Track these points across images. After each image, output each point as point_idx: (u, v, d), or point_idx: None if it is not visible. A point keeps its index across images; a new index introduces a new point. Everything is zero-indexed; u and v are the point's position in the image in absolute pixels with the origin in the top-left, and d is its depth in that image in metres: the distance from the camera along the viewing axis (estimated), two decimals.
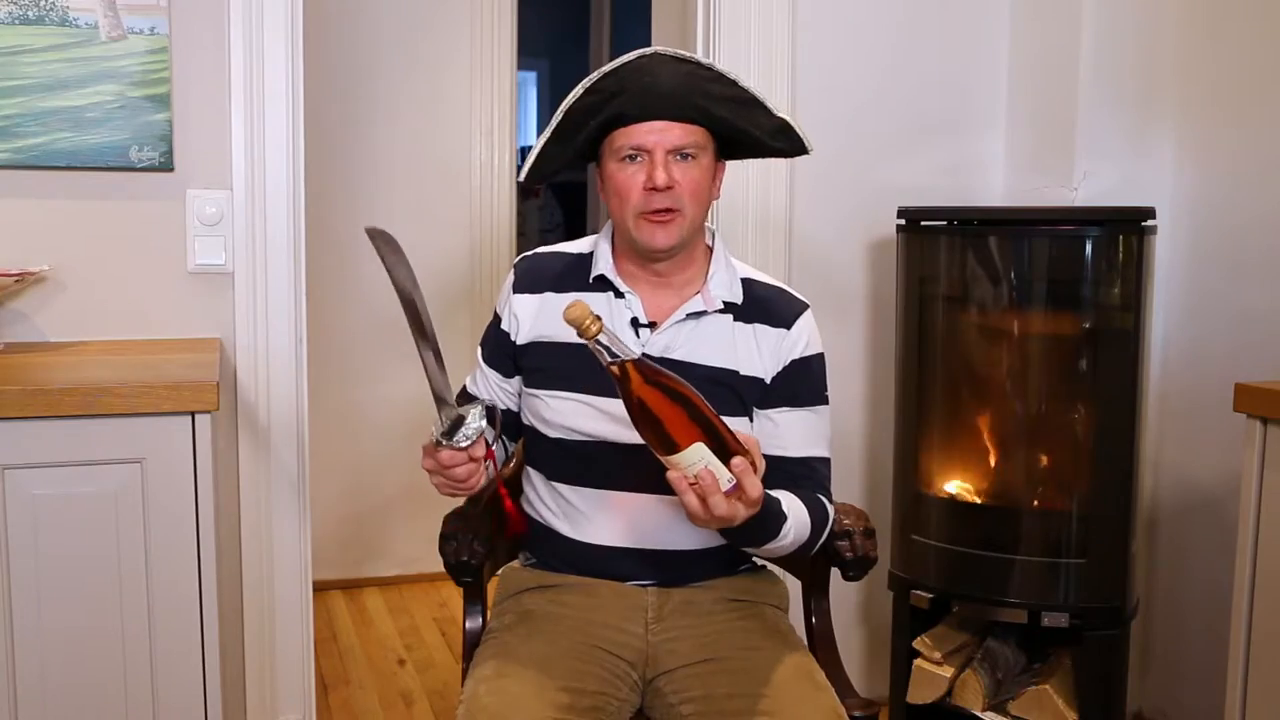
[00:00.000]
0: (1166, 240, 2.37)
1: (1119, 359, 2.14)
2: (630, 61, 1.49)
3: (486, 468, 1.45)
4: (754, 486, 1.24)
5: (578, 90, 1.49)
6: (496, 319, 1.63)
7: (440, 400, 1.36)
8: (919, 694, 2.25)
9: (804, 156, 1.61)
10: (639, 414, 1.22)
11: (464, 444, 1.35)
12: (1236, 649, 1.75)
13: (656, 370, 1.23)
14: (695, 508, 1.24)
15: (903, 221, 2.28)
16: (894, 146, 2.47)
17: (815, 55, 2.39)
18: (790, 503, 1.43)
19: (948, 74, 2.50)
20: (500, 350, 1.61)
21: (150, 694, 1.60)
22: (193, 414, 1.56)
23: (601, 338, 1.22)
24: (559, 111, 1.51)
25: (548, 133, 1.52)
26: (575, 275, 1.59)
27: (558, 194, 5.79)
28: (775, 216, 2.39)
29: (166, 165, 2.00)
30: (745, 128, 1.52)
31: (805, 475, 1.53)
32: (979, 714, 2.19)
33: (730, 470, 1.23)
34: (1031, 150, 2.48)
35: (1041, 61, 2.45)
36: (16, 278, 1.85)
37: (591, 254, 1.60)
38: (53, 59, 1.93)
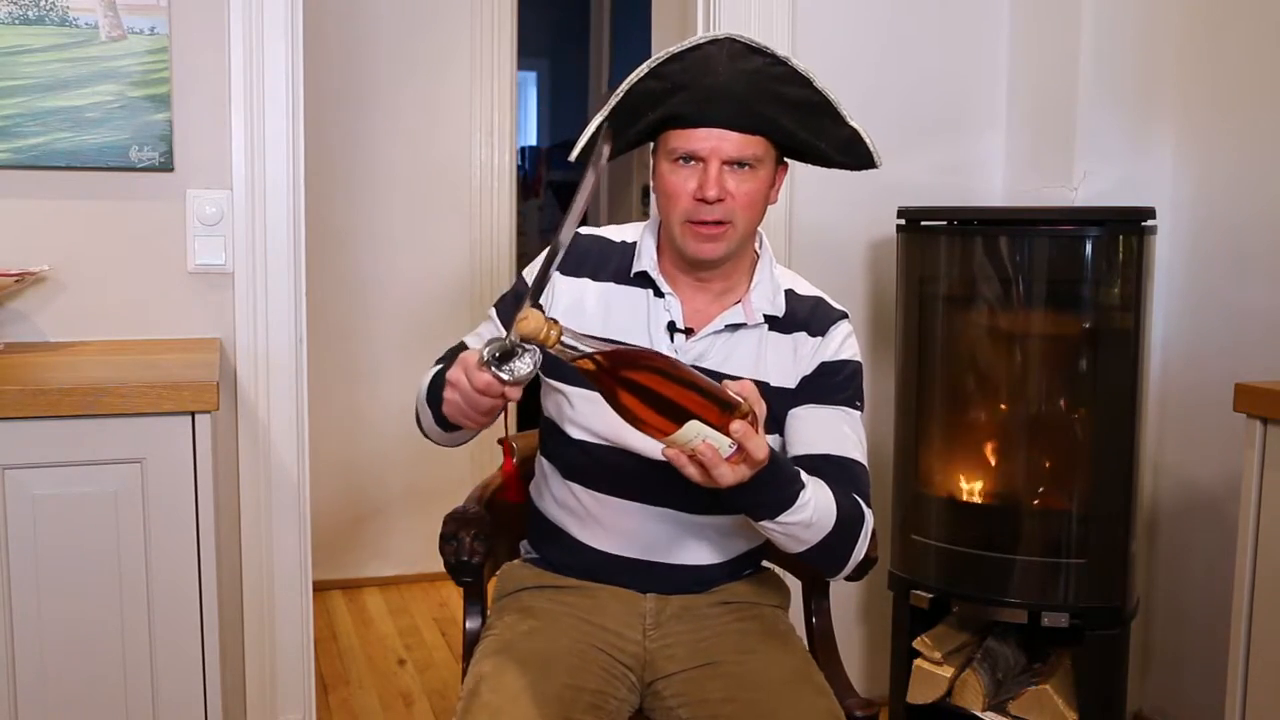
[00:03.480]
0: (1166, 240, 2.37)
1: (1119, 359, 2.14)
2: (700, 48, 1.40)
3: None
4: (758, 447, 1.17)
5: (642, 70, 1.41)
6: (525, 285, 1.51)
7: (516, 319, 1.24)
8: (919, 694, 2.25)
9: None
10: (622, 405, 1.15)
11: (507, 377, 1.23)
12: (1236, 649, 1.75)
13: (631, 354, 1.16)
14: (700, 480, 1.19)
15: (903, 221, 2.28)
16: (894, 146, 2.45)
17: (815, 55, 2.39)
18: (811, 479, 1.34)
19: (948, 74, 2.50)
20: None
21: (150, 694, 1.60)
22: (193, 414, 1.56)
23: (565, 339, 1.15)
24: (619, 91, 1.42)
25: (605, 111, 1.43)
26: (616, 267, 1.52)
27: (558, 194, 5.79)
28: (775, 216, 2.39)
29: (166, 165, 2.00)
30: (809, 139, 1.44)
31: (832, 473, 1.41)
32: (979, 714, 2.19)
33: (730, 436, 1.16)
34: (1031, 150, 2.48)
35: (1041, 61, 2.45)
36: (16, 278, 1.85)
37: (635, 245, 1.53)
38: (53, 59, 1.93)
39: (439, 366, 1.49)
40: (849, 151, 1.47)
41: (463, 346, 1.57)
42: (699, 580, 1.55)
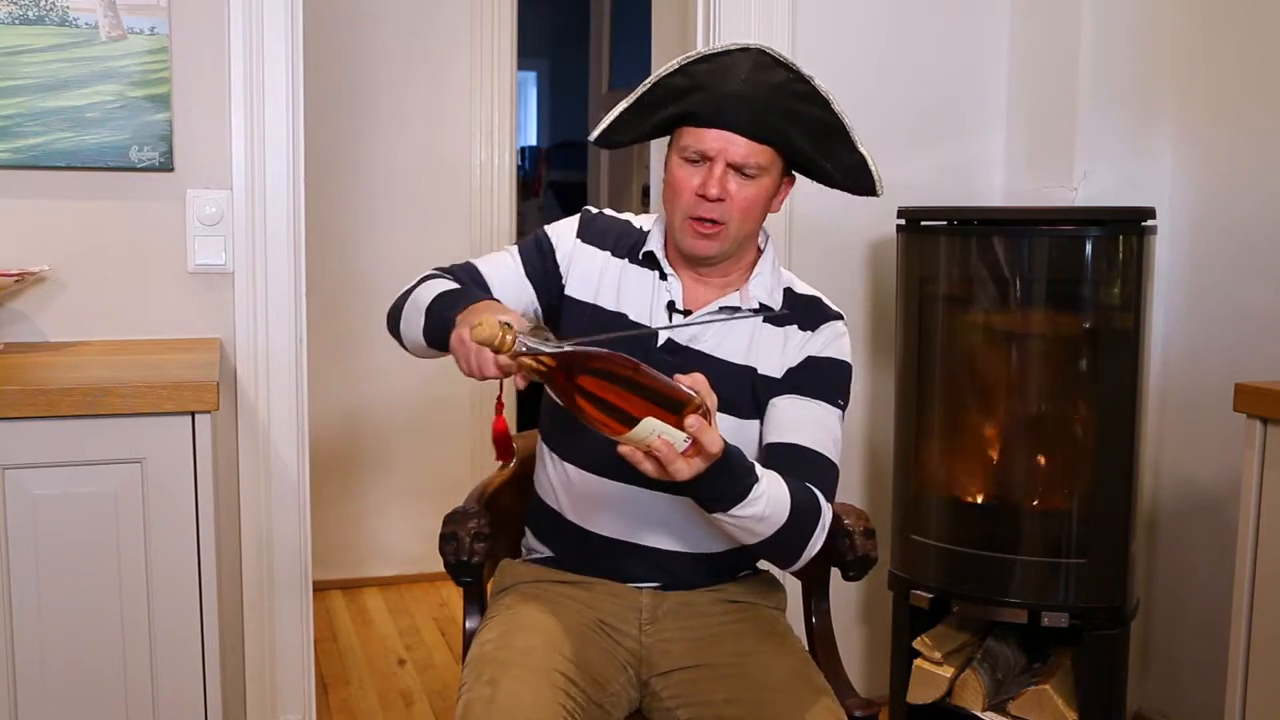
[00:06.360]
0: (1166, 240, 2.37)
1: (1119, 359, 2.14)
2: (728, 53, 1.45)
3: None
4: (712, 441, 1.20)
5: (672, 65, 1.47)
6: (549, 244, 1.57)
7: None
8: (919, 694, 2.25)
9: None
10: (578, 406, 1.17)
11: (522, 349, 1.21)
12: (1236, 649, 1.75)
13: (584, 355, 1.18)
14: (656, 475, 1.22)
15: (902, 221, 2.28)
16: (894, 146, 2.47)
17: (815, 55, 2.39)
18: (766, 472, 1.35)
19: (948, 74, 2.50)
20: (543, 269, 1.56)
21: (151, 693, 1.60)
22: (193, 414, 1.56)
23: (519, 343, 1.17)
24: (648, 82, 1.49)
25: (631, 99, 1.50)
26: (631, 247, 1.58)
27: (558, 194, 5.79)
28: (774, 216, 2.39)
29: (166, 165, 2.00)
30: (816, 159, 1.49)
31: (797, 464, 1.43)
32: (979, 714, 2.19)
33: (685, 430, 1.18)
34: (1031, 150, 2.48)
35: (1041, 61, 2.45)
36: (16, 278, 1.85)
37: (649, 232, 1.59)
38: (53, 59, 1.93)
39: (444, 285, 1.47)
40: (853, 177, 1.51)
41: (471, 269, 1.56)
42: (697, 568, 1.55)
